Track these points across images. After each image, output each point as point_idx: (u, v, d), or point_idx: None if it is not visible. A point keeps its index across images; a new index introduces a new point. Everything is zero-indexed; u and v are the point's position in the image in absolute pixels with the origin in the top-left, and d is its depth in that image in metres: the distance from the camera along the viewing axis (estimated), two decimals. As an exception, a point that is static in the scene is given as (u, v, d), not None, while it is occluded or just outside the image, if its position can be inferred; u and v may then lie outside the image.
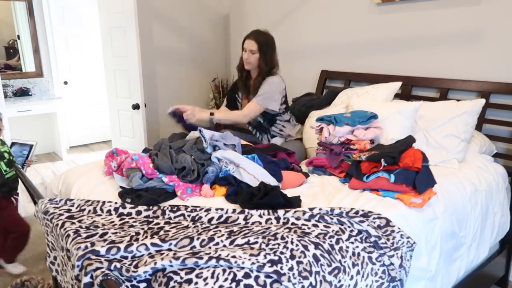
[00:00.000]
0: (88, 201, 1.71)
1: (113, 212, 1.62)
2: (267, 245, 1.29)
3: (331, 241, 1.37)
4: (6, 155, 2.39)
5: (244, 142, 2.29)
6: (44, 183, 4.14)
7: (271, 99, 2.41)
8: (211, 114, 2.38)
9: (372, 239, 1.44)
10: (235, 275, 1.15)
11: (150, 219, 1.57)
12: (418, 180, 1.66)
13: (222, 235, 1.37)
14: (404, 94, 2.72)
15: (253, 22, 3.94)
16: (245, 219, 1.52)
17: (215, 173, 1.89)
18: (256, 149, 2.17)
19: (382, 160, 1.72)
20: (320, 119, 2.18)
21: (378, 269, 1.42)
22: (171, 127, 4.00)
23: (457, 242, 1.84)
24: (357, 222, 1.47)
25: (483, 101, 2.20)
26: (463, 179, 1.97)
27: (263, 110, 2.43)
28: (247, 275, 1.15)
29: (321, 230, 1.41)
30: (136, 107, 3.33)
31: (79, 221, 1.54)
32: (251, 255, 1.21)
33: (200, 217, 1.55)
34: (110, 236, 1.41)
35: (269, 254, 1.23)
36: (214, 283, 1.13)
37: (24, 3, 4.73)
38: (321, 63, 3.33)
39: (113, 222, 1.55)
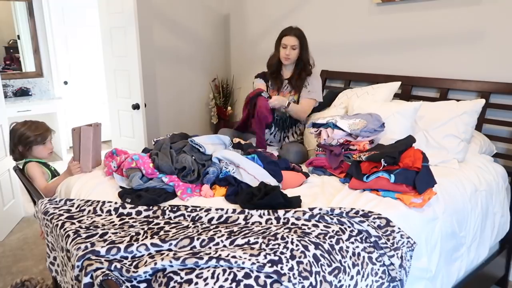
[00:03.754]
0: (88, 201, 1.71)
1: (113, 212, 1.62)
2: (267, 245, 1.28)
3: (331, 241, 1.37)
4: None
5: (240, 141, 2.31)
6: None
7: (321, 92, 2.61)
8: (288, 104, 2.48)
9: (372, 239, 1.44)
10: (235, 275, 1.15)
11: (150, 219, 1.57)
12: (418, 180, 1.66)
13: (222, 235, 1.37)
14: (404, 94, 2.72)
15: (253, 22, 3.94)
16: (245, 219, 1.52)
17: (215, 174, 1.89)
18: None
19: (382, 160, 1.72)
20: (315, 125, 2.19)
21: (378, 269, 1.42)
22: (171, 127, 4.01)
23: (457, 242, 1.84)
24: (357, 222, 1.47)
25: (483, 101, 2.20)
26: (463, 179, 1.97)
27: (316, 104, 2.60)
28: (247, 275, 1.15)
29: (321, 230, 1.41)
30: (136, 107, 3.33)
31: (79, 222, 1.54)
32: (251, 255, 1.21)
33: (200, 217, 1.55)
34: (110, 236, 1.41)
35: (269, 254, 1.23)
36: (214, 283, 1.13)
37: (24, 3, 4.73)
38: (321, 63, 3.33)
39: (113, 222, 1.55)
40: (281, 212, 1.53)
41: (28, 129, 2.18)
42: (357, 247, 1.40)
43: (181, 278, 1.15)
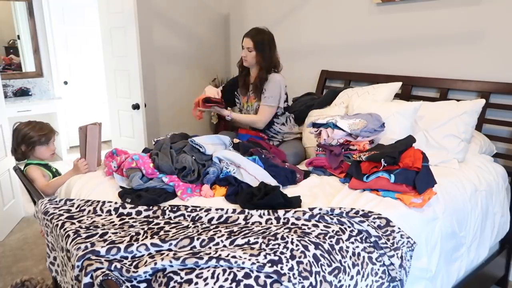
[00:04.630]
0: (88, 201, 1.71)
1: (113, 212, 1.62)
2: (267, 245, 1.29)
3: (331, 241, 1.37)
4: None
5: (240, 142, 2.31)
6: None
7: (281, 97, 2.50)
8: (229, 117, 2.48)
9: (372, 239, 1.44)
10: (235, 275, 1.15)
11: (150, 219, 1.57)
12: (418, 180, 1.66)
13: (222, 235, 1.37)
14: (404, 94, 2.72)
15: (253, 22, 3.94)
16: (245, 219, 1.52)
17: (216, 174, 1.89)
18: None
19: (382, 160, 1.72)
20: (315, 125, 2.19)
21: (378, 269, 1.42)
22: (171, 127, 4.00)
23: (457, 242, 1.84)
24: (357, 222, 1.47)
25: (483, 101, 2.20)
26: (463, 179, 1.97)
27: (276, 110, 2.51)
28: (247, 275, 1.15)
29: (321, 230, 1.41)
30: (136, 107, 3.33)
31: (79, 222, 1.54)
32: (251, 255, 1.21)
33: (200, 217, 1.55)
34: (110, 236, 1.41)
35: (269, 254, 1.23)
36: (214, 283, 1.13)
37: (24, 3, 4.73)
38: (321, 63, 3.33)
39: (113, 222, 1.55)
40: (281, 212, 1.53)
41: (32, 129, 2.18)
42: (357, 247, 1.40)
43: (181, 278, 1.15)
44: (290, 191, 1.82)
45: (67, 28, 5.18)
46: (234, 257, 1.20)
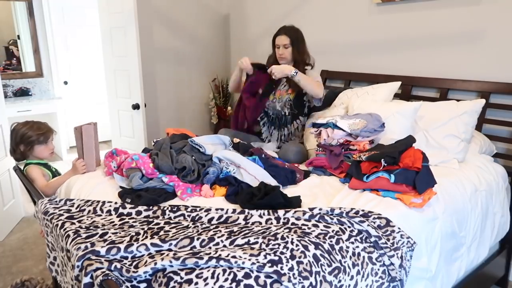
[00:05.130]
0: (88, 201, 1.71)
1: (113, 212, 1.62)
2: (267, 245, 1.28)
3: (331, 241, 1.37)
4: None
5: (240, 141, 2.31)
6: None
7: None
8: (295, 72, 2.41)
9: (372, 239, 1.44)
10: (235, 275, 1.15)
11: (150, 219, 1.57)
12: (418, 180, 1.66)
13: (222, 235, 1.37)
14: (404, 94, 2.72)
15: (253, 22, 3.94)
16: (245, 219, 1.52)
17: (216, 174, 1.89)
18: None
19: (382, 160, 1.72)
20: (315, 125, 2.19)
21: (378, 269, 1.42)
22: (171, 127, 4.00)
23: (457, 242, 1.84)
24: (357, 222, 1.47)
25: (483, 101, 2.20)
26: (463, 179, 1.97)
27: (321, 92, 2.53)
28: (247, 275, 1.15)
29: (321, 230, 1.41)
30: (136, 107, 3.33)
31: (79, 222, 1.54)
32: (251, 255, 1.21)
33: (200, 217, 1.55)
34: (110, 236, 1.41)
35: (269, 254, 1.23)
36: (214, 283, 1.13)
37: (24, 3, 4.73)
38: (321, 63, 3.33)
39: (113, 222, 1.55)
40: (281, 212, 1.53)
41: (30, 128, 2.19)
42: (357, 247, 1.40)
43: (181, 278, 1.15)
44: (290, 191, 1.82)
45: (67, 28, 5.18)
46: (234, 257, 1.20)
